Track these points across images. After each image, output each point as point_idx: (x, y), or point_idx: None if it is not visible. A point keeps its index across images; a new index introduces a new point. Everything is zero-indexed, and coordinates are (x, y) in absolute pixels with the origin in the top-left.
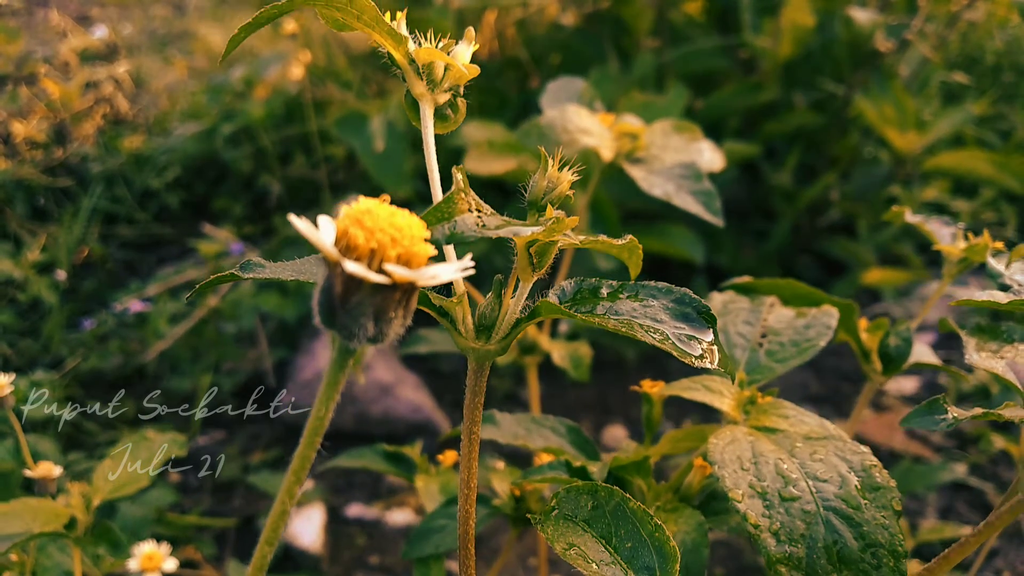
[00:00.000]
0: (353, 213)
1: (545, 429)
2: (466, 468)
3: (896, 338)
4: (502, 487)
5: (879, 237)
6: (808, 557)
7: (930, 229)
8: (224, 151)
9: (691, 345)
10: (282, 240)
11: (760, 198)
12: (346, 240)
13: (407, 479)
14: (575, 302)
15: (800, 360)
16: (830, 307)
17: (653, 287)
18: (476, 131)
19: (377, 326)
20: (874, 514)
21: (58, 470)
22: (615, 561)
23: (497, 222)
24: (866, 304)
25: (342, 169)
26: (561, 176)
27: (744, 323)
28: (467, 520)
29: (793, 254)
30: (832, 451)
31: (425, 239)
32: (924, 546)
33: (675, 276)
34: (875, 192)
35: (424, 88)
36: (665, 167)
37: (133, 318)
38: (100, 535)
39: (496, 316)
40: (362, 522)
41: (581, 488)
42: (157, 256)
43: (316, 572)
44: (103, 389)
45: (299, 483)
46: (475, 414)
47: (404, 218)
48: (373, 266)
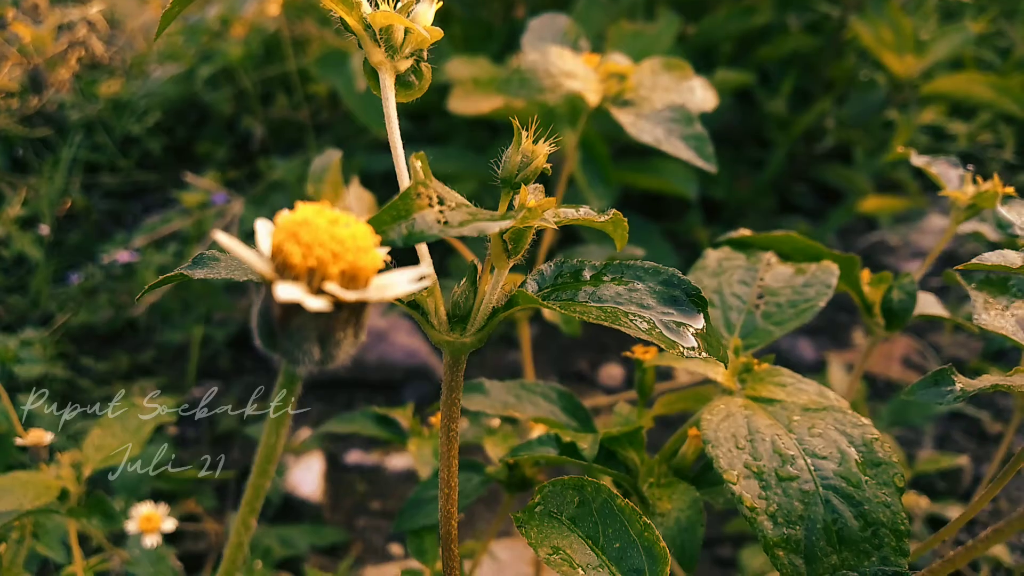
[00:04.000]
0: (287, 225)
1: (536, 396)
2: (445, 466)
3: (900, 292)
4: (495, 452)
5: (876, 163)
6: (807, 539)
7: (936, 172)
8: (204, 93)
9: (680, 333)
10: (268, 185)
11: (754, 126)
12: (281, 257)
13: (399, 442)
14: (556, 287)
15: (799, 322)
16: (830, 263)
17: (639, 267)
18: (460, 67)
19: (324, 349)
20: (875, 492)
21: (49, 436)
22: (603, 564)
23: (461, 217)
24: (863, 232)
25: (325, 109)
26: (536, 149)
27: (740, 283)
28: (449, 519)
29: (788, 183)
30: (832, 424)
31: (376, 246)
32: (921, 477)
33: (669, 211)
34: (872, 117)
35: (383, 56)
36: (654, 110)
37: (121, 270)
38: (93, 506)
39: (471, 305)
40: (362, 468)
41: (567, 483)
42: (142, 204)
43: (317, 521)
44: (95, 344)
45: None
46: (452, 410)
47: (347, 227)
48: (314, 285)
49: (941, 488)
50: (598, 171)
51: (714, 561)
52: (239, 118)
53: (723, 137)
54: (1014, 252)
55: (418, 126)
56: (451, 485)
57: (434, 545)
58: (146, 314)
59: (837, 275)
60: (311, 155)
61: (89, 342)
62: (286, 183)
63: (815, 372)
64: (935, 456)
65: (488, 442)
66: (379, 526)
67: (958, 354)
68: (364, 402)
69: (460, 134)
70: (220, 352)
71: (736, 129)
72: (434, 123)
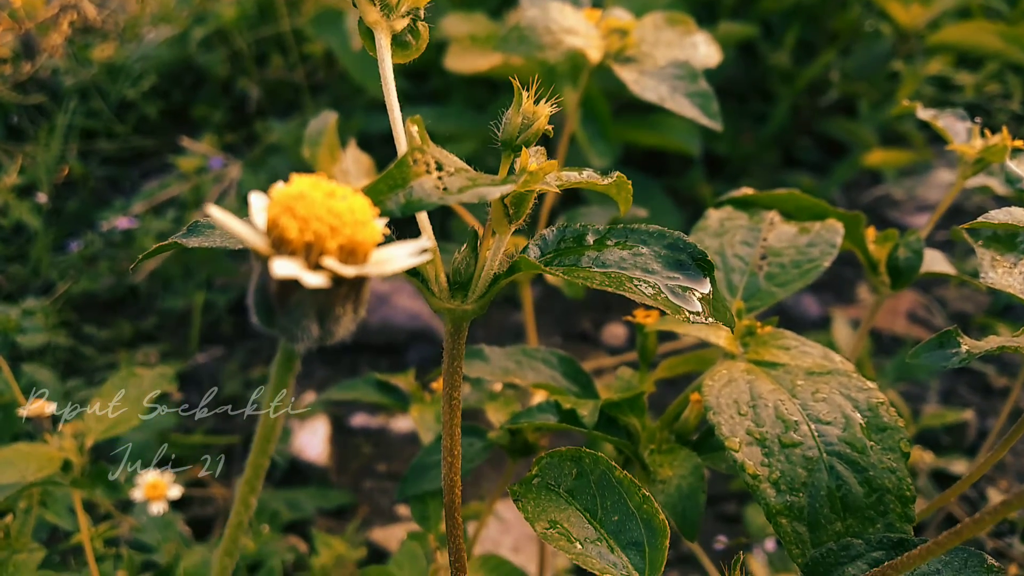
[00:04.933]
0: (283, 199)
1: (536, 361)
2: (448, 435)
3: (906, 250)
4: (497, 417)
5: (881, 116)
6: (810, 506)
7: (943, 125)
8: (199, 56)
9: (685, 298)
10: (265, 148)
11: (758, 79)
12: (277, 231)
13: (401, 409)
14: (558, 253)
15: (803, 283)
16: (834, 221)
17: (644, 231)
18: (457, 24)
19: (323, 326)
20: (880, 457)
21: (51, 407)
22: (601, 537)
23: (461, 182)
24: (868, 186)
25: (322, 68)
26: (537, 111)
27: (742, 243)
28: (452, 488)
29: (792, 137)
30: (836, 388)
31: (374, 218)
32: (926, 431)
33: (671, 167)
34: (877, 69)
35: (378, 15)
36: (658, 66)
37: (121, 237)
38: (95, 477)
39: (472, 272)
40: (367, 431)
41: (564, 454)
42: (140, 170)
43: (324, 484)
44: (97, 311)
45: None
46: (454, 378)
47: (344, 200)
48: (312, 260)
49: (946, 443)
50: (599, 129)
51: (718, 518)
52: (235, 80)
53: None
54: (1022, 210)
55: (416, 84)
56: (454, 454)
57: (437, 510)
58: (147, 281)
59: (842, 234)
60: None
61: (91, 310)
62: (283, 145)
63: (820, 328)
64: (940, 411)
65: (490, 407)
66: (385, 488)
67: (964, 308)
68: (368, 366)
69: (459, 92)
70: (222, 317)
71: (739, 82)
72: (433, 81)
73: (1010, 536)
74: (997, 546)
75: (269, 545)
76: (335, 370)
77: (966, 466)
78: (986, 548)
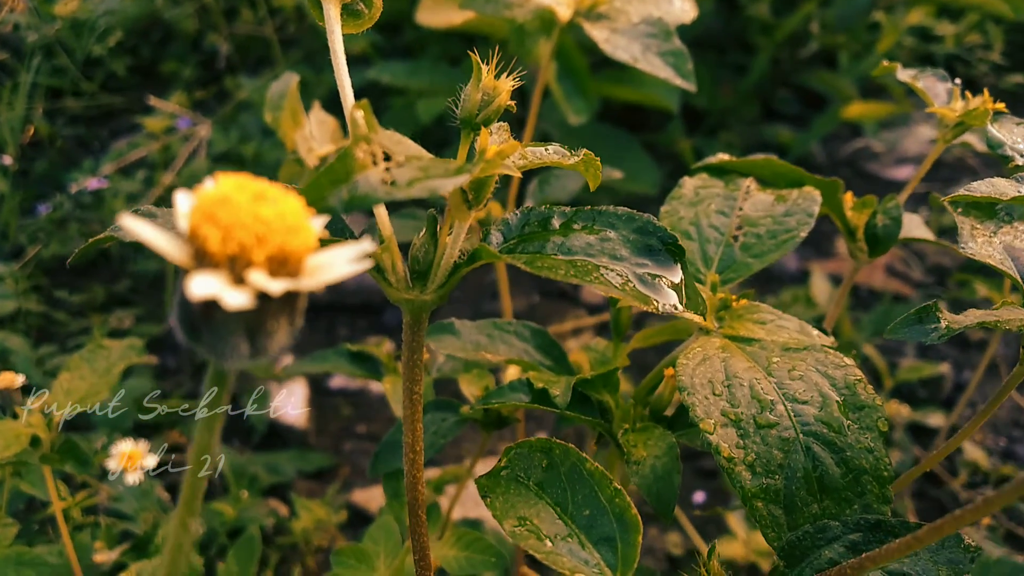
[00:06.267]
0: (204, 204)
1: (509, 335)
2: (410, 431)
3: (884, 217)
4: (470, 390)
5: (860, 67)
6: (787, 488)
7: (923, 86)
8: (166, 10)
9: (655, 288)
10: (236, 105)
11: (737, 31)
12: (198, 241)
13: (375, 379)
14: (522, 239)
15: (780, 253)
16: (812, 189)
17: (612, 214)
18: None
19: (254, 344)
20: (858, 437)
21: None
22: (572, 533)
23: (411, 174)
24: (847, 138)
25: (292, 22)
26: (498, 86)
27: (718, 213)
28: (415, 486)
29: (772, 89)
30: (813, 365)
31: (309, 221)
32: (903, 385)
33: (649, 121)
34: (857, 20)
35: None
36: (631, 23)
37: (90, 198)
38: (65, 452)
39: (431, 259)
40: (346, 392)
41: (534, 444)
42: (108, 129)
43: (303, 446)
44: (69, 276)
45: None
46: (414, 371)
47: (274, 204)
48: (237, 272)
49: (922, 396)
50: (575, 84)
51: (697, 473)
52: (204, 35)
53: (705, 42)
54: (1004, 180)
55: (389, 38)
56: (416, 450)
57: None
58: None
59: (819, 203)
60: (279, 71)
61: (62, 274)
62: (254, 103)
63: (799, 283)
64: (917, 364)
65: (463, 379)
66: (365, 449)
67: (942, 262)
68: (345, 326)
69: (434, 45)
70: None
71: (718, 34)
72: (406, 34)
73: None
74: (971, 497)
75: (249, 511)
76: (311, 332)
77: (943, 419)
78: (960, 500)
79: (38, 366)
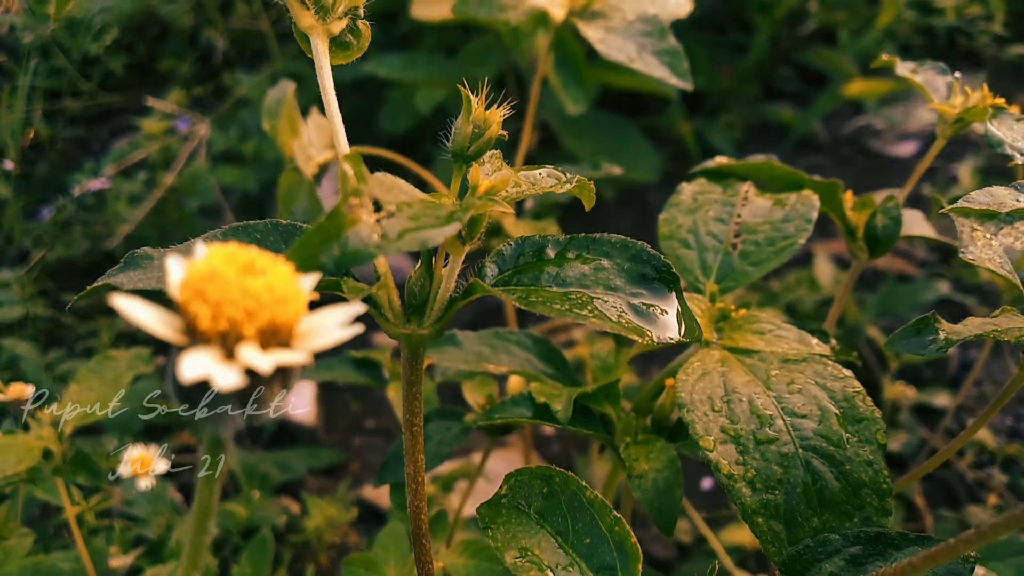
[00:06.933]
0: (193, 279)
1: (510, 344)
2: (411, 463)
3: (884, 217)
4: (473, 397)
5: (860, 44)
6: (786, 503)
7: (922, 81)
8: (161, 6)
9: (650, 319)
10: (235, 102)
11: (736, 10)
12: (188, 318)
13: (379, 387)
14: (517, 270)
15: (778, 261)
16: (810, 193)
17: (606, 241)
18: None
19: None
20: (857, 450)
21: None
22: (573, 562)
23: (402, 225)
24: (849, 116)
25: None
26: (489, 117)
27: (716, 220)
28: (418, 515)
29: (772, 68)
30: (812, 377)
31: (299, 289)
32: (908, 365)
33: (648, 105)
34: None
35: (313, 19)
36: (626, 21)
37: (93, 199)
38: (77, 464)
39: (428, 293)
40: (354, 388)
41: (535, 472)
42: (108, 129)
43: (314, 443)
44: (75, 278)
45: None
46: (414, 404)
47: (263, 275)
48: (228, 346)
49: (928, 376)
50: (573, 73)
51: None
52: (200, 30)
53: (704, 22)
54: (1003, 189)
55: (385, 28)
56: (418, 480)
57: None
58: (123, 244)
59: (817, 207)
60: (276, 66)
61: (69, 277)
62: (253, 99)
63: (802, 264)
64: None
65: (466, 387)
66: (375, 444)
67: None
68: None
69: (430, 35)
70: None
71: (718, 13)
72: (402, 24)
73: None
74: (978, 477)
75: (261, 510)
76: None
77: (948, 399)
78: (967, 480)
79: (47, 371)
